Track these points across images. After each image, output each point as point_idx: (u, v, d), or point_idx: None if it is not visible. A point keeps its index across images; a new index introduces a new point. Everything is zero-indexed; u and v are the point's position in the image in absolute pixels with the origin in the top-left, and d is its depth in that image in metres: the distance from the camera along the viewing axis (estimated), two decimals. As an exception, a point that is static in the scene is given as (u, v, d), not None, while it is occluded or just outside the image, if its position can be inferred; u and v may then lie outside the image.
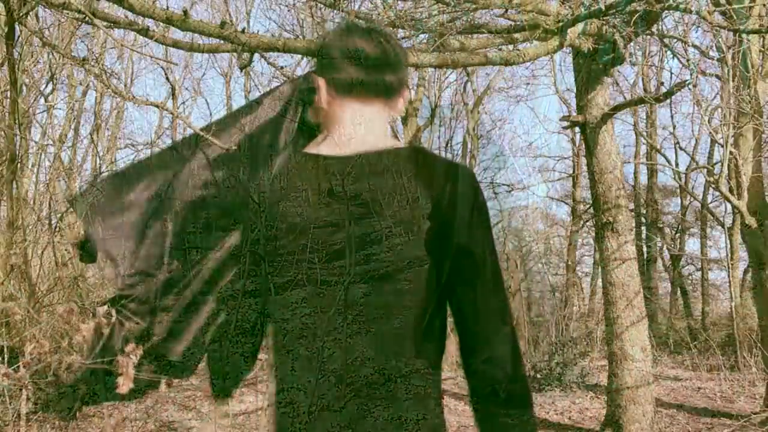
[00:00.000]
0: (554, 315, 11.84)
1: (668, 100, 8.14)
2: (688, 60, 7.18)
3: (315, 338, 1.08)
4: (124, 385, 1.28)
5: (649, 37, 7.87)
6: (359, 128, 1.19)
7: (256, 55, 3.88)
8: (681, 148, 12.17)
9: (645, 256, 18.19)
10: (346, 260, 1.09)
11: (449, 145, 18.62)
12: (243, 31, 3.38)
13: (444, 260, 1.10)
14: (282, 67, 4.39)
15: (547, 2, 5.15)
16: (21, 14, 3.27)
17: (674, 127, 14.61)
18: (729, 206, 9.74)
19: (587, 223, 19.78)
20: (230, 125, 1.73)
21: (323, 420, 1.06)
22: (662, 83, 12.35)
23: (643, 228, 19.16)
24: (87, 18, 2.45)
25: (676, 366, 10.62)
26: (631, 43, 5.75)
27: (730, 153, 7.18)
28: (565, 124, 6.19)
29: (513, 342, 1.11)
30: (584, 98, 5.88)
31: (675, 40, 7.31)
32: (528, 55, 4.44)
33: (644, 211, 19.13)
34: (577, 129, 10.22)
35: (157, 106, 2.30)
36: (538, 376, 8.07)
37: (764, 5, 5.96)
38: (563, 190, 21.58)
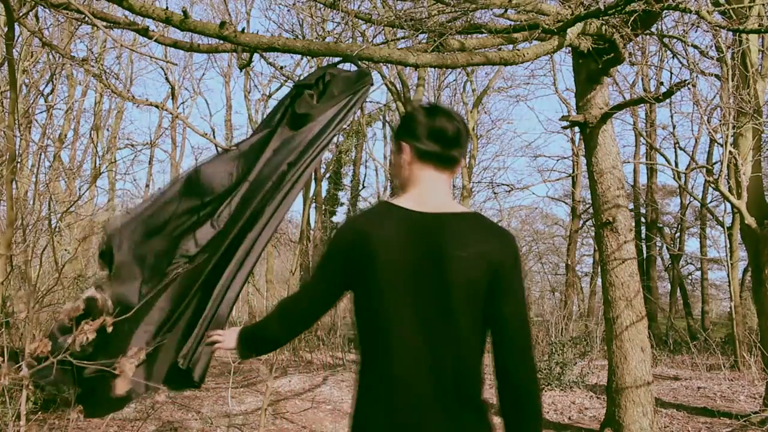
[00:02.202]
0: (554, 315, 11.81)
1: (668, 100, 8.14)
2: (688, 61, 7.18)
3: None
4: (120, 387, 1.28)
5: (648, 36, 7.88)
6: (433, 190, 1.56)
7: (256, 55, 3.89)
8: (681, 148, 12.17)
9: (645, 256, 18.19)
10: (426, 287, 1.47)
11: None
12: (242, 31, 3.38)
13: (491, 308, 1.49)
14: (282, 67, 4.40)
15: (547, 2, 5.15)
16: (21, 14, 3.28)
17: (674, 127, 14.64)
18: (729, 206, 9.73)
19: (587, 223, 19.79)
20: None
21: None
22: (662, 83, 12.38)
23: (643, 228, 19.15)
24: (87, 18, 2.45)
25: (675, 366, 10.61)
26: (631, 43, 5.75)
27: (730, 153, 7.18)
28: (565, 124, 6.18)
29: (533, 369, 1.57)
30: (584, 98, 5.87)
31: (675, 39, 7.32)
32: (528, 55, 4.43)
33: (644, 211, 19.12)
34: (577, 129, 10.23)
35: (157, 107, 2.30)
36: (538, 376, 8.05)
37: (764, 5, 5.96)
38: (563, 190, 21.60)
